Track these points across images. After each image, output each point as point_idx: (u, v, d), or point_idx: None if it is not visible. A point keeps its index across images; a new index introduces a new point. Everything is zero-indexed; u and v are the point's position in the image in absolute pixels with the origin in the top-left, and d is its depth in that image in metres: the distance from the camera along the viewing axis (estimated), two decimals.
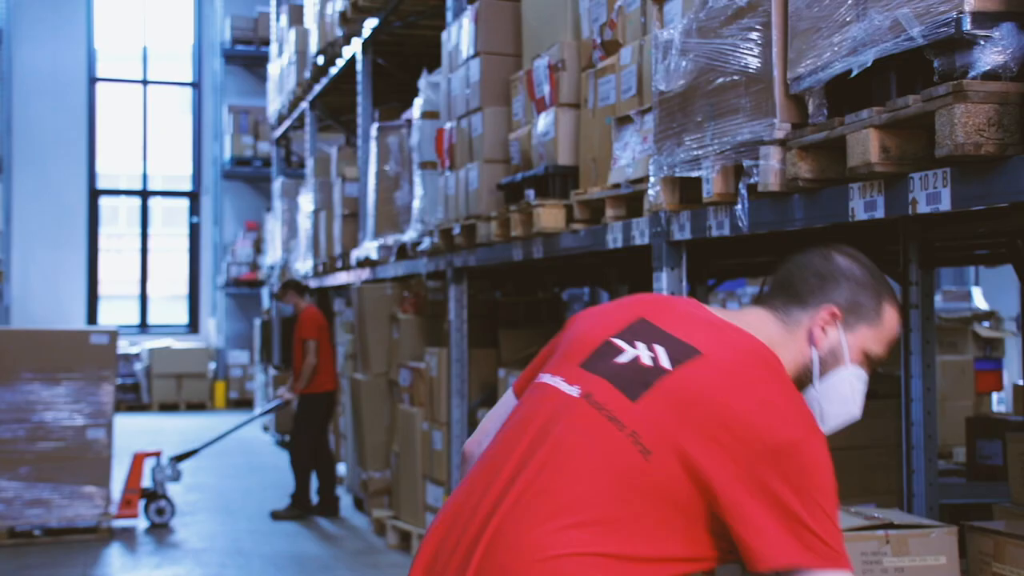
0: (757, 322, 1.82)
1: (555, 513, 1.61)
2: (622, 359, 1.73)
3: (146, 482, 7.50)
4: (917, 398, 3.79)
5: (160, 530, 7.21)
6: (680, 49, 3.15)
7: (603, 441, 1.65)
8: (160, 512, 7.30)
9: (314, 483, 7.83)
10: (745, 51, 2.82)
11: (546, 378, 1.80)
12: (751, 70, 2.80)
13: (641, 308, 1.84)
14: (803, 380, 1.82)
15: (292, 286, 8.16)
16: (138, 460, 7.26)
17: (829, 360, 1.81)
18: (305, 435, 7.76)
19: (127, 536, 7.05)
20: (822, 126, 2.50)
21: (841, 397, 1.81)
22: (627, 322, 1.80)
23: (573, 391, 1.73)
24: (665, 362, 1.70)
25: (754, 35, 2.79)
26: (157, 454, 7.47)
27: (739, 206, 2.94)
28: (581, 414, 1.69)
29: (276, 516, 7.61)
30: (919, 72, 2.25)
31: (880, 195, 2.37)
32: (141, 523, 7.36)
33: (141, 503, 7.29)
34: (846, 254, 1.87)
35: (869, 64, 2.30)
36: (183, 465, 7.77)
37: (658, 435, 1.63)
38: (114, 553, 6.63)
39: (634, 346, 1.74)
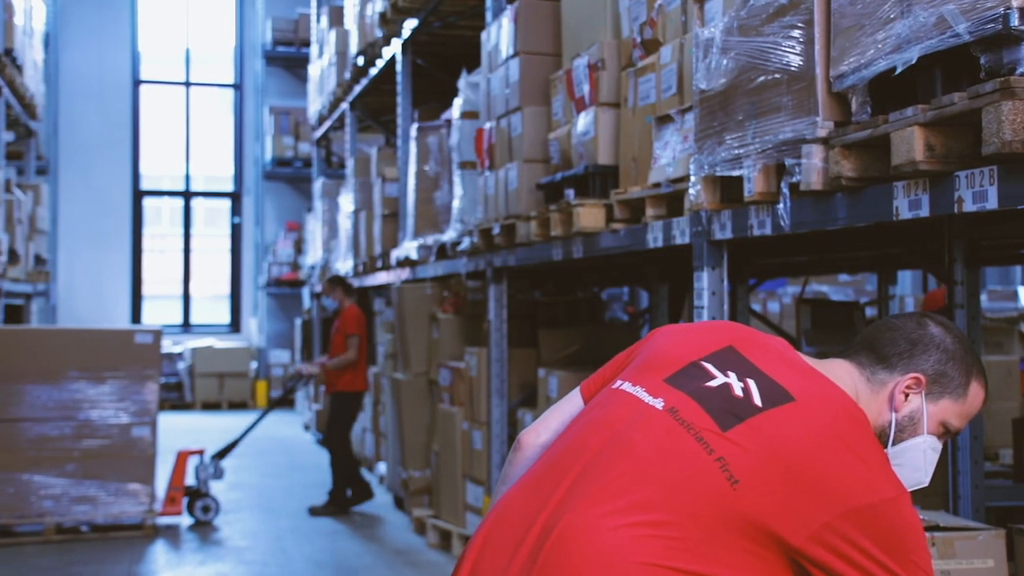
0: (844, 375, 1.80)
1: (628, 517, 1.60)
2: (712, 384, 1.72)
3: (190, 480, 7.58)
4: None
5: (204, 528, 7.28)
6: (721, 47, 3.13)
7: (688, 458, 1.63)
8: (206, 510, 7.39)
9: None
10: (787, 49, 2.80)
11: (625, 386, 1.78)
12: (793, 68, 2.78)
13: (731, 336, 1.82)
14: (882, 443, 1.81)
15: (339, 282, 8.28)
16: (182, 458, 7.35)
17: (907, 426, 1.79)
18: (343, 433, 7.90)
19: (171, 533, 7.13)
20: (865, 124, 2.47)
21: (913, 465, 1.80)
22: (717, 347, 1.79)
23: (656, 403, 1.72)
24: (757, 399, 1.68)
25: (796, 33, 2.77)
26: (200, 452, 7.55)
27: (781, 205, 2.92)
28: (664, 427, 1.68)
29: (314, 512, 7.69)
30: (965, 69, 2.22)
31: (925, 193, 2.35)
32: (184, 520, 7.44)
33: (184, 500, 7.37)
34: (940, 324, 1.84)
35: (914, 61, 2.28)
36: (225, 463, 7.86)
37: (747, 470, 1.61)
38: (159, 550, 6.71)
39: (726, 375, 1.72)
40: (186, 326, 16.62)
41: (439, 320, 7.36)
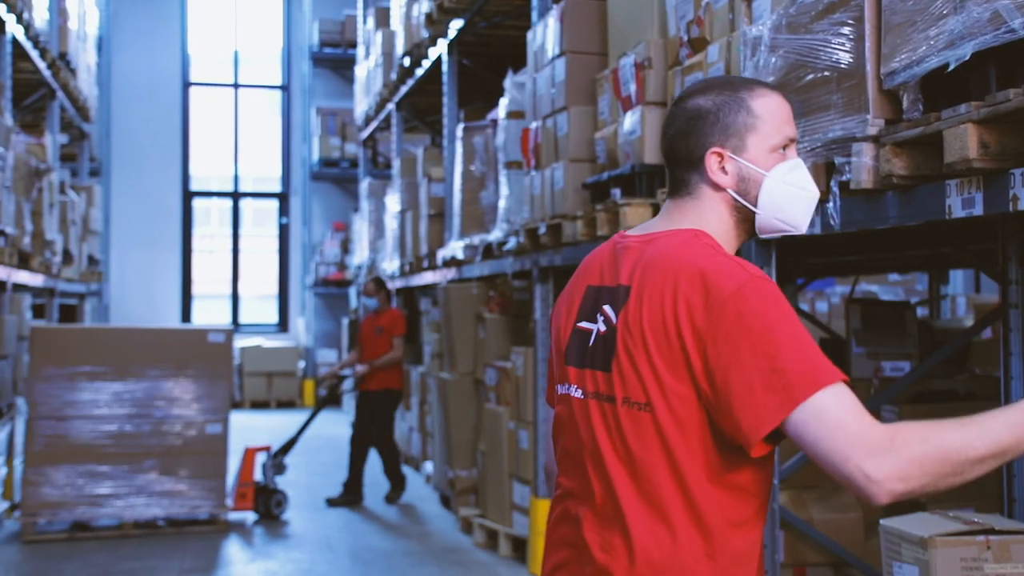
0: (675, 214, 1.80)
1: (639, 525, 1.67)
2: (591, 341, 1.77)
3: (256, 476, 7.69)
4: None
5: (271, 523, 7.42)
6: (769, 45, 3.11)
7: (622, 427, 1.69)
8: (277, 504, 7.53)
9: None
10: (837, 46, 2.77)
11: (561, 389, 1.85)
12: (843, 66, 2.75)
13: (586, 275, 1.86)
14: (747, 218, 1.79)
15: (385, 286, 8.46)
16: (250, 454, 7.49)
17: (749, 186, 1.77)
18: (389, 429, 8.06)
19: (241, 528, 7.25)
20: (917, 122, 2.44)
21: (787, 196, 1.77)
22: (580, 298, 1.83)
23: (575, 393, 1.79)
24: (612, 316, 1.73)
25: (846, 30, 2.74)
26: (267, 449, 7.68)
27: (831, 204, 2.89)
28: (597, 415, 1.73)
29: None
30: (1020, 65, 2.19)
31: (978, 192, 2.31)
32: (250, 516, 7.58)
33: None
34: (681, 101, 1.82)
35: (967, 58, 2.25)
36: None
37: (641, 380, 1.65)
38: (232, 545, 6.79)
39: (595, 320, 1.77)
40: (235, 325, 16.80)
41: (485, 320, 7.38)
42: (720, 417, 1.60)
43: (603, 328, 1.75)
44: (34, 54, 8.78)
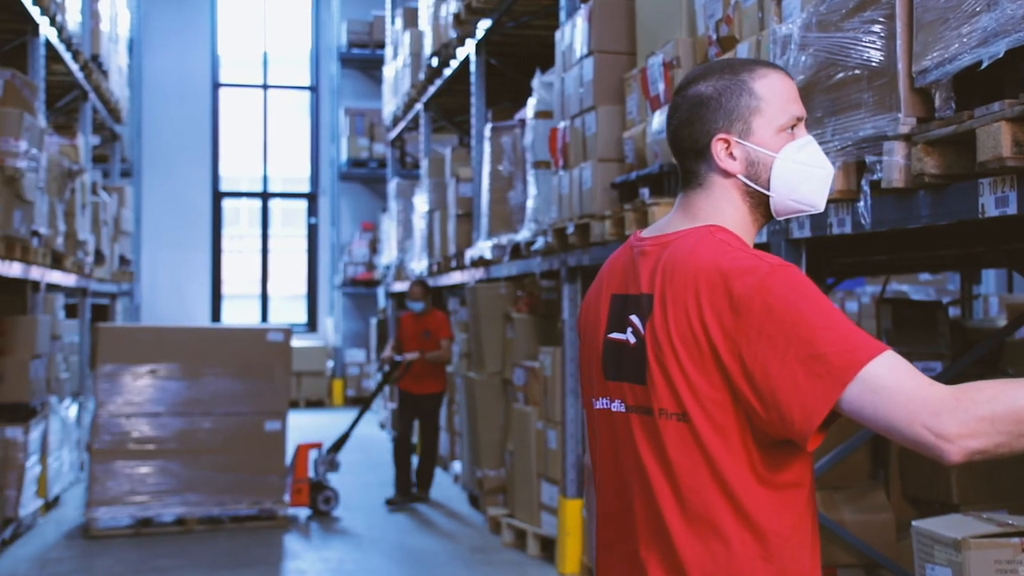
0: (689, 208, 1.77)
1: (686, 527, 1.65)
2: (623, 352, 1.74)
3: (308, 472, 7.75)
4: None
5: (323, 518, 7.52)
6: (799, 44, 3.10)
7: (663, 439, 1.66)
8: (327, 501, 7.61)
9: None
10: (868, 44, 2.75)
11: (596, 403, 1.81)
12: (874, 64, 2.73)
13: (608, 282, 1.82)
14: (762, 202, 1.75)
15: (428, 285, 8.44)
16: (302, 451, 7.58)
17: (759, 169, 1.72)
18: (435, 433, 8.08)
19: (297, 524, 7.31)
20: (950, 120, 2.42)
21: (800, 175, 1.73)
22: (607, 308, 1.80)
23: (617, 407, 1.75)
24: (640, 326, 1.70)
25: (877, 28, 2.72)
26: (319, 445, 7.75)
27: (861, 203, 2.87)
28: (639, 429, 1.70)
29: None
30: None
31: (1012, 191, 2.29)
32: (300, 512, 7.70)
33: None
34: (682, 89, 1.78)
35: (1000, 55, 2.23)
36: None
37: (674, 390, 1.63)
38: (291, 540, 6.84)
39: (624, 331, 1.74)
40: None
41: (513, 319, 7.38)
42: (769, 416, 1.56)
43: (632, 339, 1.71)
44: (67, 56, 8.87)
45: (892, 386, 1.47)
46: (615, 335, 1.76)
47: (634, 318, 1.72)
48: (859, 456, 4.17)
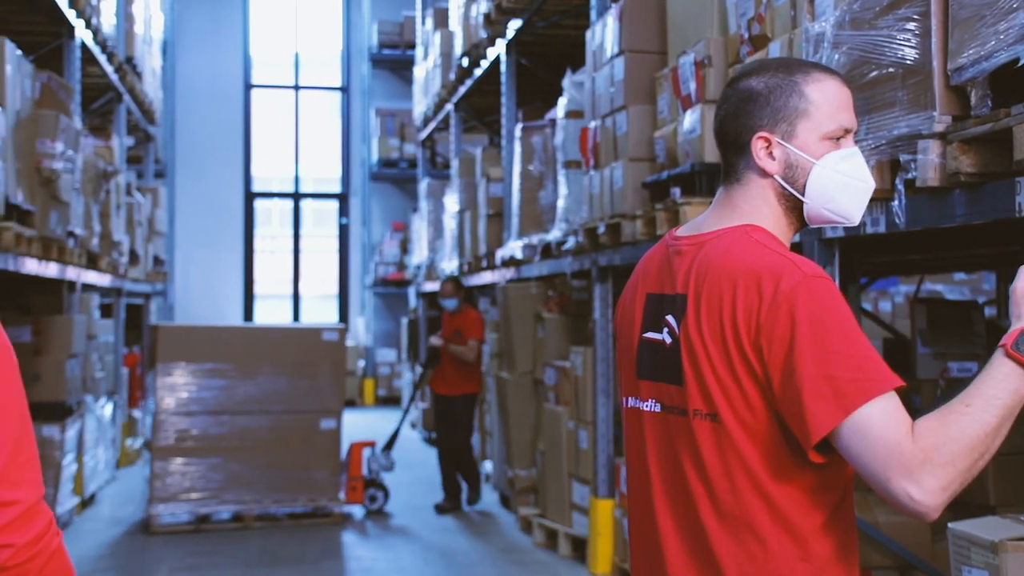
0: (726, 205, 1.75)
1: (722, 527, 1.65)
2: (658, 352, 1.73)
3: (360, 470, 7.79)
4: None
5: (377, 516, 7.58)
6: (832, 42, 3.08)
7: (697, 440, 1.66)
8: (372, 499, 7.65)
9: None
10: (902, 42, 2.73)
11: (630, 403, 1.81)
12: (908, 62, 2.71)
13: (643, 281, 1.81)
14: (796, 207, 1.73)
15: (464, 287, 8.35)
16: (356, 449, 7.64)
17: (797, 173, 1.70)
18: (469, 433, 8.00)
19: (352, 522, 7.36)
20: (986, 118, 2.40)
21: (839, 186, 1.70)
22: (642, 306, 1.79)
23: (651, 407, 1.75)
24: (675, 326, 1.69)
25: (911, 25, 2.70)
26: (372, 444, 7.80)
27: (896, 202, 2.85)
28: (676, 429, 1.70)
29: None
30: None
31: None
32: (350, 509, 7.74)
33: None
34: (735, 81, 1.75)
35: None
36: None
37: (707, 391, 1.63)
38: (350, 536, 6.89)
39: (660, 330, 1.73)
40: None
41: (544, 319, 7.38)
42: (783, 419, 1.59)
43: (668, 340, 1.71)
44: (102, 58, 8.96)
45: (878, 436, 1.48)
46: (651, 335, 1.76)
47: (670, 318, 1.71)
48: None
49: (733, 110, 1.73)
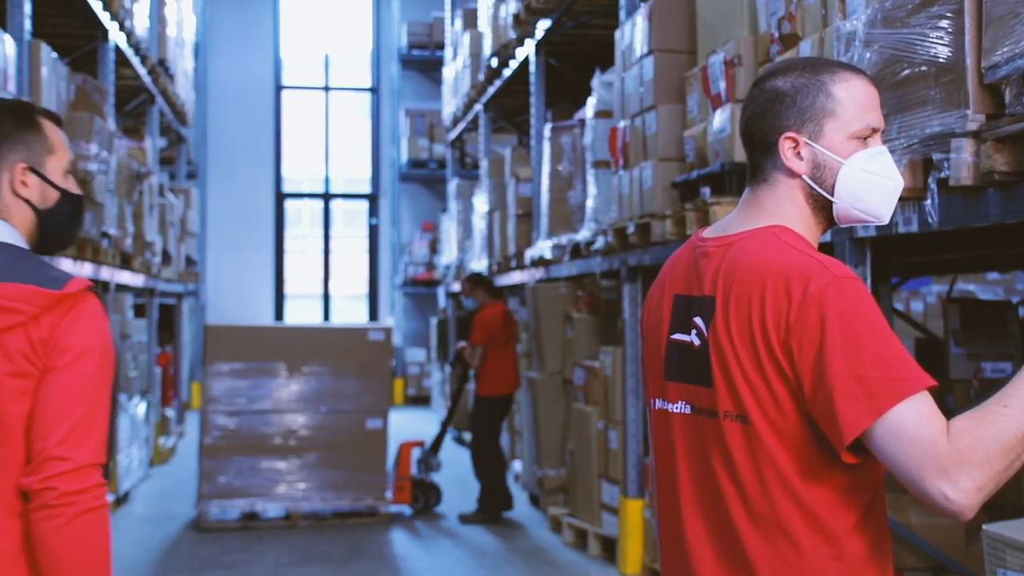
0: (753, 206, 1.74)
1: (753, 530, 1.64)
2: (687, 354, 1.73)
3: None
4: None
5: (427, 516, 7.59)
6: (864, 40, 3.06)
7: (727, 442, 1.65)
8: (417, 499, 7.64)
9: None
10: (935, 40, 2.71)
11: (658, 404, 1.81)
12: (941, 60, 2.69)
13: (671, 282, 1.80)
14: (824, 206, 1.72)
15: (480, 282, 8.01)
16: (405, 449, 7.65)
17: (825, 173, 1.69)
18: (485, 437, 7.67)
19: (400, 521, 7.39)
20: (1020, 116, 2.38)
21: (868, 185, 1.69)
22: (670, 308, 1.78)
23: (679, 408, 1.74)
24: (704, 328, 1.69)
25: (944, 23, 2.69)
26: (421, 444, 7.80)
27: (928, 201, 2.83)
28: (706, 431, 1.69)
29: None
30: None
31: None
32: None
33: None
34: (761, 81, 1.74)
35: None
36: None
37: (736, 392, 1.62)
38: (397, 535, 6.94)
39: (688, 332, 1.72)
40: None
41: (573, 319, 7.38)
42: (815, 420, 1.59)
43: (697, 341, 1.70)
44: (135, 61, 9.04)
45: (912, 436, 1.48)
46: (678, 336, 1.75)
47: (698, 320, 1.71)
48: None
49: (760, 110, 1.73)
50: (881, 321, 1.55)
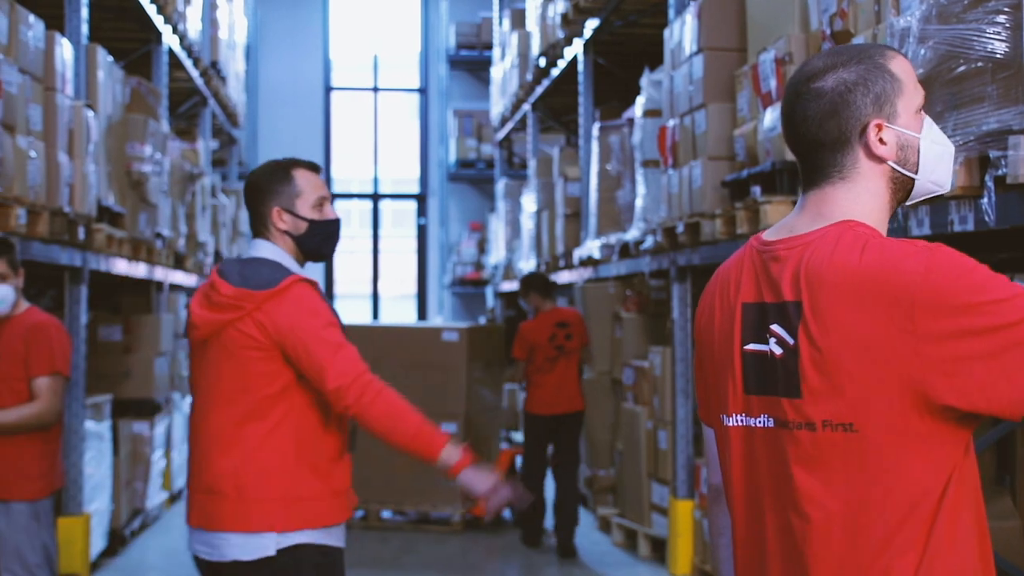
0: (820, 205, 1.68)
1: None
2: (771, 366, 1.63)
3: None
4: None
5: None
6: (918, 37, 3.02)
7: (825, 456, 1.57)
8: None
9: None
10: (992, 35, 2.67)
11: (737, 420, 1.70)
12: (998, 55, 2.65)
13: (734, 290, 1.72)
14: (903, 187, 1.69)
15: (531, 285, 7.08)
16: (506, 455, 7.59)
17: (908, 153, 1.67)
18: (524, 458, 7.04)
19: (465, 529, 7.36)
20: None
21: (936, 156, 1.69)
22: (740, 318, 1.69)
23: (762, 422, 1.65)
24: (787, 336, 1.60)
25: (1001, 18, 2.65)
26: (522, 452, 7.70)
27: (985, 199, 2.79)
28: (790, 443, 1.60)
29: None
30: None
31: None
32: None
33: None
34: (811, 80, 1.68)
35: None
36: None
37: (841, 400, 1.55)
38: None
39: (766, 341, 1.64)
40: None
41: (622, 319, 7.36)
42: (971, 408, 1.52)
43: (778, 351, 1.62)
44: (188, 63, 9.17)
45: None
46: (754, 346, 1.67)
47: (777, 327, 1.63)
48: (983, 461, 4.04)
49: (828, 108, 1.66)
50: (988, 271, 1.54)
